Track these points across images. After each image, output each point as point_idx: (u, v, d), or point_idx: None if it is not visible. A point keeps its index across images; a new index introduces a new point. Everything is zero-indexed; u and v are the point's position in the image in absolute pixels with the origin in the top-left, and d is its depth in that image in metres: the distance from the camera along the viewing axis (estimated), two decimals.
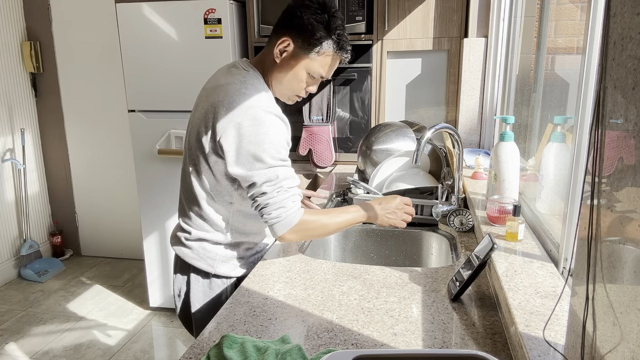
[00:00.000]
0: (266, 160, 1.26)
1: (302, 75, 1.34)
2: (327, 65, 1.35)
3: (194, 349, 1.01)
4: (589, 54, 1.03)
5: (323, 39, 1.30)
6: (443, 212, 1.69)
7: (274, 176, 1.27)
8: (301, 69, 1.33)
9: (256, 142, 1.25)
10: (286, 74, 1.34)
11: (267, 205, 1.28)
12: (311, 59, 1.32)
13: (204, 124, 1.32)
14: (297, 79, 1.35)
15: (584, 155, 1.06)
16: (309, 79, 1.36)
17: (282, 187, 1.28)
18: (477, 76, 2.49)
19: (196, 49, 2.68)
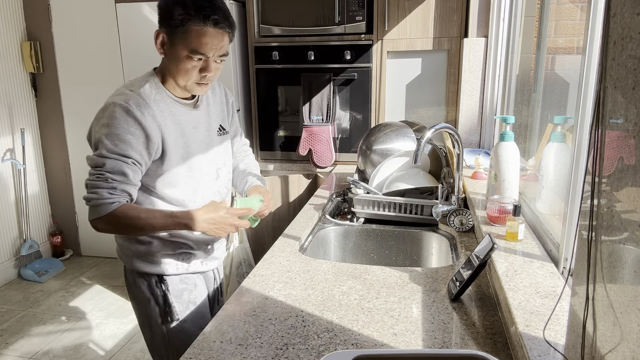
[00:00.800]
0: (99, 147, 1.29)
1: (184, 58, 1.31)
2: (200, 39, 1.29)
3: (194, 349, 1.01)
4: (589, 54, 1.03)
5: (182, 15, 1.28)
6: (443, 212, 1.69)
7: (100, 163, 1.28)
8: (181, 53, 1.30)
9: (97, 129, 1.31)
10: (173, 63, 1.33)
11: (86, 187, 1.31)
12: (183, 39, 1.29)
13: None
14: (182, 63, 1.32)
15: (584, 155, 1.06)
16: (195, 62, 1.31)
17: (104, 176, 1.28)
18: (477, 76, 2.49)
19: None
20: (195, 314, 1.49)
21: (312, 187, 2.77)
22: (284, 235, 1.65)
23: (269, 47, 2.73)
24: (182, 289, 1.48)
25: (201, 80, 1.35)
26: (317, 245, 1.75)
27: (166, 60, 1.36)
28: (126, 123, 1.30)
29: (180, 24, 1.28)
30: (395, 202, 1.84)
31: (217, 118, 1.53)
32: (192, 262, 1.50)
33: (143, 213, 1.34)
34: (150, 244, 1.45)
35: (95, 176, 1.29)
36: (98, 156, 1.29)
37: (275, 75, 2.77)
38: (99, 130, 1.30)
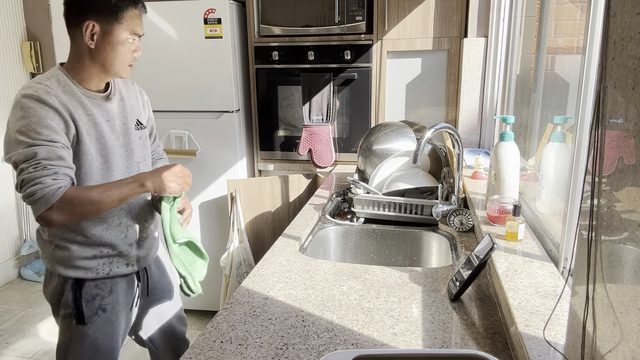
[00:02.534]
0: (23, 140, 1.25)
1: (124, 42, 1.38)
2: (135, 21, 1.39)
3: (194, 349, 1.01)
4: (589, 54, 1.03)
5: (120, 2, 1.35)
6: (443, 212, 1.69)
7: (32, 154, 1.24)
8: (121, 37, 1.37)
9: (14, 126, 1.27)
10: (109, 50, 1.36)
11: (23, 183, 1.25)
12: (122, 24, 1.36)
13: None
14: (121, 47, 1.38)
15: (584, 155, 1.06)
16: (131, 44, 1.40)
17: (41, 164, 1.25)
18: (477, 76, 2.49)
19: (196, 49, 2.67)
20: (102, 321, 1.46)
21: (312, 187, 2.77)
22: (284, 235, 1.65)
23: (268, 47, 2.73)
24: (95, 294, 1.44)
25: (132, 61, 1.45)
26: (317, 245, 1.75)
27: (96, 51, 1.36)
28: (42, 110, 1.28)
29: (120, 10, 1.35)
30: (395, 202, 1.84)
31: (134, 112, 1.53)
32: (114, 266, 1.47)
33: (95, 190, 1.30)
34: (68, 249, 1.41)
35: (31, 167, 1.24)
36: (27, 147, 1.24)
37: (275, 75, 2.77)
38: (17, 124, 1.27)
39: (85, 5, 1.33)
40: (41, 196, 1.23)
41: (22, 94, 1.29)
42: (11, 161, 1.29)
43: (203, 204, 2.86)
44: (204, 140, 2.78)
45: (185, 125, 2.78)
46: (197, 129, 2.77)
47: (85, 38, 1.34)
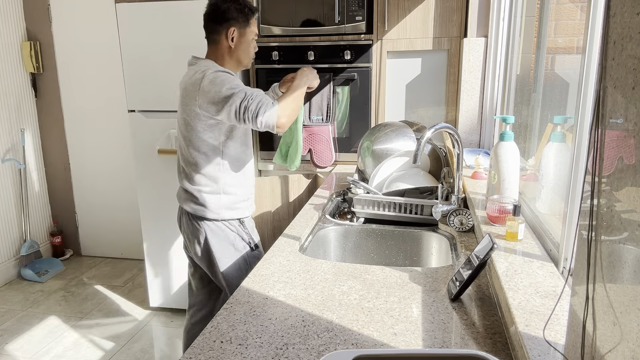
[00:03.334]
0: (232, 91, 1.74)
1: (251, 42, 1.92)
2: (256, 25, 1.93)
3: (194, 349, 1.01)
4: (589, 54, 1.03)
5: (248, 13, 1.87)
6: (443, 212, 1.69)
7: (242, 94, 1.73)
8: (249, 37, 1.90)
9: (220, 88, 1.75)
10: (243, 48, 1.90)
11: (250, 112, 1.73)
12: (250, 26, 1.89)
13: (190, 103, 1.81)
14: (250, 45, 1.93)
15: (584, 155, 1.06)
16: (254, 43, 1.95)
17: (253, 96, 1.73)
18: (477, 76, 2.49)
19: (196, 49, 2.67)
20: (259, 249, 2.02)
21: (312, 187, 2.77)
22: (284, 235, 1.65)
23: (268, 47, 2.73)
24: (252, 225, 2.01)
25: (253, 55, 1.97)
26: (317, 245, 1.75)
27: (235, 49, 1.89)
28: (232, 76, 1.81)
29: (249, 17, 1.88)
30: (395, 202, 1.84)
31: None
32: (250, 208, 2.02)
33: (284, 96, 1.88)
34: (235, 194, 1.91)
35: (247, 101, 1.73)
36: (238, 92, 1.74)
37: (275, 75, 2.77)
38: (224, 86, 1.75)
39: (228, 16, 1.84)
40: (271, 111, 1.74)
41: (213, 71, 1.78)
42: (232, 108, 1.74)
43: None
44: None
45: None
46: None
47: (227, 41, 1.86)
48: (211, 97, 1.76)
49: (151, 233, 2.96)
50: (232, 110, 1.74)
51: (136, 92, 2.79)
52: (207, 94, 1.76)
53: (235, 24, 1.84)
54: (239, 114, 1.74)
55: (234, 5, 1.83)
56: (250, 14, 1.86)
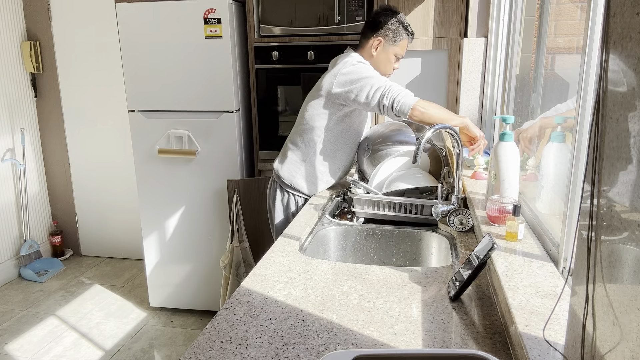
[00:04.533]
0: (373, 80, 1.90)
1: (391, 58, 2.03)
2: (403, 50, 2.04)
3: (193, 349, 1.01)
4: (589, 54, 1.03)
5: (401, 34, 2.00)
6: (443, 212, 1.69)
7: (383, 81, 1.89)
8: (390, 55, 2.02)
9: (362, 75, 1.91)
10: (382, 59, 2.02)
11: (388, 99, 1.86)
12: (395, 46, 2.01)
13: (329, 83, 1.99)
14: (389, 61, 2.03)
15: (584, 155, 1.06)
16: (395, 61, 2.06)
17: (393, 86, 1.87)
18: (477, 76, 2.49)
19: (196, 49, 2.68)
20: None
21: None
22: (284, 235, 1.65)
23: (268, 47, 2.73)
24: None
25: (391, 71, 2.08)
26: (317, 245, 1.75)
27: (375, 59, 2.02)
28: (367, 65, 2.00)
29: (398, 38, 2.00)
30: (395, 202, 1.84)
31: None
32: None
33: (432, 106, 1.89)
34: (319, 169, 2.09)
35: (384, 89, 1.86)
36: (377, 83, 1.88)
37: (275, 75, 2.77)
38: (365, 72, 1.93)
39: (379, 27, 1.98)
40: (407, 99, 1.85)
41: (355, 62, 1.97)
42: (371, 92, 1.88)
43: (203, 203, 2.86)
44: (204, 140, 2.78)
45: (185, 125, 2.78)
46: (197, 129, 2.77)
47: (370, 48, 2.01)
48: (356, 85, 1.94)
49: (151, 233, 2.96)
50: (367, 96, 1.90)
51: (136, 92, 2.79)
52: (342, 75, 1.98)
53: (384, 37, 1.98)
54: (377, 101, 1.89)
55: (393, 21, 1.97)
56: (401, 36, 1.98)
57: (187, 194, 2.87)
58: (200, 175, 2.83)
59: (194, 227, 2.91)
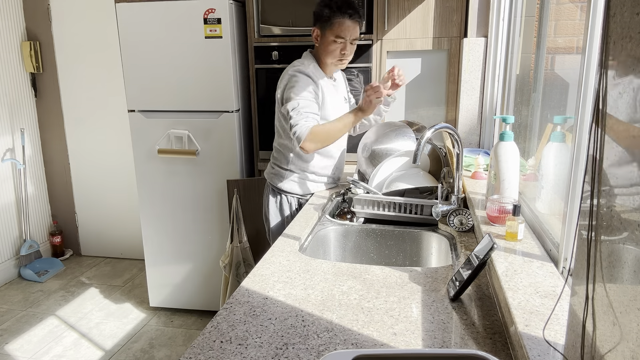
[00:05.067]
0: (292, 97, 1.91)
1: (331, 42, 1.94)
2: (340, 28, 1.92)
3: (193, 349, 1.01)
4: (589, 54, 1.03)
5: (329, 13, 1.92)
6: (443, 212, 1.69)
7: (296, 104, 1.89)
8: (329, 39, 1.94)
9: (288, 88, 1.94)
10: (323, 48, 1.97)
11: (291, 127, 1.88)
12: (331, 29, 1.92)
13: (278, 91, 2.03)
14: (330, 46, 1.95)
15: (584, 155, 1.06)
16: (337, 44, 1.94)
17: (300, 111, 1.87)
18: (476, 76, 2.49)
19: (196, 49, 2.67)
20: None
21: None
22: (283, 235, 1.65)
23: (268, 47, 2.73)
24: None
25: (341, 57, 1.98)
26: (317, 245, 1.75)
27: (318, 47, 2.00)
28: (304, 81, 1.94)
29: (328, 19, 1.92)
30: (395, 202, 1.84)
31: (344, 91, 2.21)
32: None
33: (329, 125, 1.93)
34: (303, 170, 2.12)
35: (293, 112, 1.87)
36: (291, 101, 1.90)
37: (275, 75, 2.76)
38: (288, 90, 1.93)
39: (314, 16, 1.97)
40: (300, 133, 1.86)
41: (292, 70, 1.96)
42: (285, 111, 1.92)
43: (203, 203, 2.86)
44: (204, 140, 2.78)
45: (185, 125, 2.78)
46: (197, 129, 2.77)
47: (314, 40, 2.00)
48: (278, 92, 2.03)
49: (151, 233, 2.96)
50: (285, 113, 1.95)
51: (136, 92, 2.79)
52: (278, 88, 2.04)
53: (318, 26, 1.96)
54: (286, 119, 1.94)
55: (320, 7, 1.94)
56: (331, 16, 1.90)
57: (187, 194, 2.87)
58: (200, 175, 2.82)
59: (193, 227, 2.90)
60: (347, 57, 1.99)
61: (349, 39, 1.94)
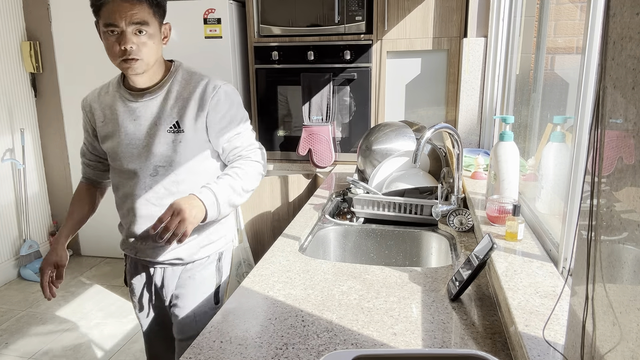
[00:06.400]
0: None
1: (105, 35, 1.37)
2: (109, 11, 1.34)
3: (193, 349, 1.01)
4: (589, 54, 1.03)
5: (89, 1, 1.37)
6: (443, 212, 1.69)
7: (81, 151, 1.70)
8: (102, 30, 1.37)
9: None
10: (105, 47, 1.40)
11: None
12: (100, 17, 1.36)
13: None
14: (105, 42, 1.38)
15: (584, 155, 1.07)
16: (112, 36, 1.36)
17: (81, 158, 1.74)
18: (476, 76, 2.49)
19: (196, 48, 2.67)
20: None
21: (312, 187, 2.77)
22: (283, 235, 1.65)
23: (268, 47, 2.73)
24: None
25: (124, 55, 1.36)
26: (317, 245, 1.75)
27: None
28: (83, 113, 1.60)
29: (95, 5, 1.36)
30: (394, 202, 1.84)
31: (176, 114, 1.45)
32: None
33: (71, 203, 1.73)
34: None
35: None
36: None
37: (275, 75, 2.77)
38: None
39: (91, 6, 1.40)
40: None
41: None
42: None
43: None
44: None
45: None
46: None
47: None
48: None
49: None
50: None
51: None
52: None
53: (95, 15, 1.40)
54: None
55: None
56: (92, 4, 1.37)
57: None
58: None
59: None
60: (135, 54, 1.36)
61: (127, 24, 1.34)
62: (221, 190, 1.42)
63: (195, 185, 1.47)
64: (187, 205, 1.34)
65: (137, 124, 1.46)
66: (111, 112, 1.50)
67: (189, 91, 1.47)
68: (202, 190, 1.41)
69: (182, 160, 1.46)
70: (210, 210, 1.39)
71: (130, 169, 1.49)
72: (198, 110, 1.45)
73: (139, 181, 1.48)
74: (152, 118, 1.45)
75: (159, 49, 1.49)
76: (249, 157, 1.52)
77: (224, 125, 1.48)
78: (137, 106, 1.47)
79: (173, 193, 1.47)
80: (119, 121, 1.47)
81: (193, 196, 1.38)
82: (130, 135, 1.46)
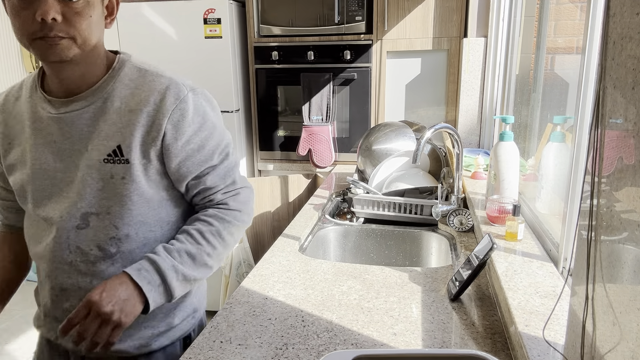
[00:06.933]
0: None
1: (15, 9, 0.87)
2: None
3: (193, 349, 1.01)
4: (589, 54, 1.03)
5: None
6: (443, 212, 1.69)
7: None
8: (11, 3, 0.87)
9: None
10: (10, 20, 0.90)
11: None
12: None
13: None
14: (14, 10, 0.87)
15: (584, 155, 1.07)
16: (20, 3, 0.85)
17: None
18: (476, 76, 2.49)
19: (196, 48, 2.68)
20: None
21: (312, 187, 2.77)
22: (283, 235, 1.65)
23: (268, 47, 2.73)
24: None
25: (43, 30, 0.86)
26: (317, 245, 1.75)
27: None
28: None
29: None
30: (394, 202, 1.84)
31: (117, 134, 0.95)
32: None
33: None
34: None
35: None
36: None
37: (275, 75, 2.77)
38: None
39: None
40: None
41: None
42: None
43: None
44: None
45: None
46: None
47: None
48: None
49: None
50: None
51: None
52: None
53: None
54: None
55: None
56: None
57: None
58: None
59: None
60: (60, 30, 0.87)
61: None
62: (172, 263, 0.95)
63: (145, 243, 1.01)
64: (110, 298, 0.87)
65: (58, 148, 0.96)
66: (21, 129, 0.99)
67: (140, 99, 0.97)
68: (142, 264, 0.94)
69: (126, 205, 0.97)
70: (153, 298, 0.93)
71: (47, 217, 0.98)
72: (151, 129, 0.96)
73: (60, 236, 0.97)
74: (81, 140, 0.95)
75: (98, 27, 1.00)
76: (226, 203, 1.06)
77: (190, 153, 0.99)
78: (59, 120, 0.95)
79: (111, 256, 0.99)
80: (30, 143, 0.97)
81: (124, 278, 0.91)
82: (45, 165, 0.97)
